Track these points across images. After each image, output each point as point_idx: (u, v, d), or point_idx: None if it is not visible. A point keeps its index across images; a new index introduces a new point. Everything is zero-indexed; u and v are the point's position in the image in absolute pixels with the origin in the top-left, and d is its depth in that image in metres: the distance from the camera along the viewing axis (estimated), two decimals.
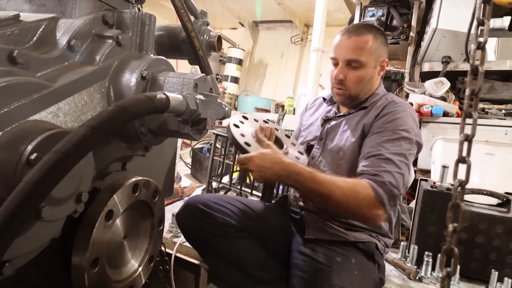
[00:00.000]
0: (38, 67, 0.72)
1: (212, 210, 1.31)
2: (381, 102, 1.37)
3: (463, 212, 0.50)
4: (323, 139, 1.46)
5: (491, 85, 2.72)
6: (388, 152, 1.20)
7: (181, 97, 0.76)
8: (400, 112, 1.29)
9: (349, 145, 1.34)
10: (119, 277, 0.96)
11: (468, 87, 0.52)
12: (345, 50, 1.33)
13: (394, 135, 1.24)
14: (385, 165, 1.17)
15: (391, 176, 1.14)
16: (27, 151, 0.58)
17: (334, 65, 1.38)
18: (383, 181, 1.13)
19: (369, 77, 1.37)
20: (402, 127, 1.26)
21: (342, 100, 1.43)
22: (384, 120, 1.29)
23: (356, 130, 1.35)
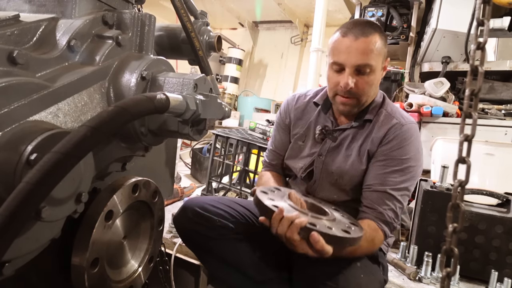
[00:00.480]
0: (38, 68, 0.72)
1: (209, 213, 1.29)
2: (384, 118, 1.30)
3: (463, 212, 0.50)
4: (322, 156, 1.37)
5: (491, 85, 2.72)
6: (392, 188, 1.23)
7: (181, 97, 0.76)
8: (407, 139, 1.25)
9: (360, 173, 1.30)
10: (119, 277, 0.96)
11: (468, 87, 0.52)
12: (354, 54, 1.18)
13: (399, 165, 1.24)
14: (389, 202, 1.23)
15: (393, 213, 1.24)
16: (27, 152, 0.58)
17: (337, 71, 1.24)
18: (387, 221, 1.23)
19: (377, 81, 1.28)
20: (408, 156, 1.24)
21: (349, 109, 1.30)
22: (390, 148, 1.25)
23: (362, 156, 1.30)
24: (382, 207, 1.22)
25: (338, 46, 1.22)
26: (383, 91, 1.49)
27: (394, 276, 1.70)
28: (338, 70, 1.24)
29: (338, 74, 1.24)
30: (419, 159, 1.29)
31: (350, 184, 1.33)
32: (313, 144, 1.40)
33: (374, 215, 1.22)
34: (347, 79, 1.20)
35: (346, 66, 1.20)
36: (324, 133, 1.37)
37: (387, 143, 1.26)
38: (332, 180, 1.35)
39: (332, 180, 1.35)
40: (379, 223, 1.22)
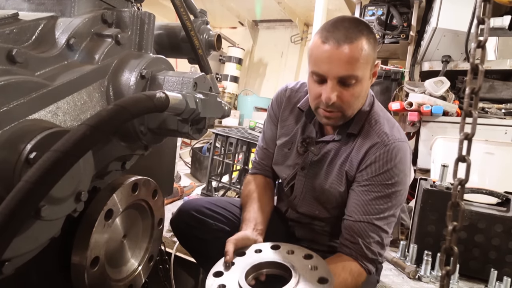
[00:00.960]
0: (37, 66, 0.72)
1: (205, 216, 1.27)
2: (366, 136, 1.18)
3: (463, 211, 0.50)
4: (305, 170, 1.29)
5: (491, 85, 2.72)
6: (376, 218, 1.13)
7: (180, 96, 0.75)
8: (390, 161, 1.12)
9: (339, 194, 1.22)
10: (119, 276, 0.96)
11: (468, 86, 0.52)
12: (337, 64, 1.03)
13: (383, 191, 1.13)
14: (373, 234, 1.13)
15: (378, 246, 1.14)
16: (26, 150, 0.58)
17: (318, 82, 1.10)
18: (371, 258, 1.13)
19: (365, 91, 1.15)
20: (393, 180, 1.13)
21: (332, 123, 1.18)
22: (372, 172, 1.13)
23: (341, 177, 1.21)
24: (366, 240, 1.12)
25: (318, 54, 1.06)
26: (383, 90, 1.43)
27: (393, 274, 1.70)
28: (319, 81, 1.09)
29: (320, 85, 1.09)
30: (405, 183, 1.17)
31: (331, 202, 1.26)
32: (296, 154, 1.31)
33: (357, 252, 1.12)
34: (330, 93, 1.06)
35: (328, 78, 1.06)
36: (305, 145, 1.27)
37: (368, 166, 1.14)
38: (314, 195, 1.28)
39: (314, 195, 1.28)
40: (362, 262, 1.12)
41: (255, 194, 1.33)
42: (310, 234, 1.37)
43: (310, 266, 0.97)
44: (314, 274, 0.93)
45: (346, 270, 1.08)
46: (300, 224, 1.39)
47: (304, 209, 1.33)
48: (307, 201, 1.31)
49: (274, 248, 1.07)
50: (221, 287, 0.91)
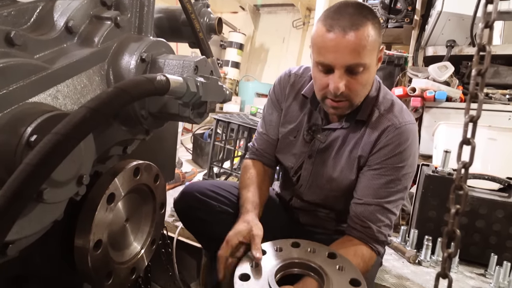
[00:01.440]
0: (36, 49, 0.71)
1: (208, 198, 1.28)
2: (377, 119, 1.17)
3: (466, 193, 0.50)
4: (312, 158, 1.28)
5: (496, 70, 2.68)
6: (386, 201, 1.14)
7: (181, 79, 0.75)
8: (402, 144, 1.13)
9: (349, 182, 1.21)
10: (122, 259, 0.97)
11: (474, 67, 0.51)
12: (344, 53, 1.00)
13: (394, 174, 1.13)
14: (383, 217, 1.14)
15: (387, 228, 1.16)
16: (27, 133, 0.58)
17: (324, 72, 1.07)
18: (381, 240, 1.15)
19: (372, 77, 1.14)
20: (404, 163, 1.13)
21: (340, 112, 1.17)
22: (384, 155, 1.14)
23: (352, 163, 1.20)
24: (376, 224, 1.13)
25: (324, 43, 1.03)
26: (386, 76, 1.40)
27: (394, 259, 1.72)
28: (325, 71, 1.07)
29: (326, 75, 1.07)
30: (414, 164, 1.19)
31: (339, 190, 1.25)
32: (303, 142, 1.29)
33: (368, 236, 1.14)
34: (338, 82, 1.03)
35: (335, 67, 1.03)
36: (311, 133, 1.26)
37: (380, 149, 1.14)
38: (321, 183, 1.27)
39: (321, 183, 1.27)
40: (373, 245, 1.14)
41: (256, 180, 1.32)
42: (314, 220, 1.38)
43: (338, 267, 0.96)
44: (344, 276, 0.93)
45: (358, 255, 1.09)
46: (304, 211, 1.40)
47: (310, 198, 1.33)
48: (313, 190, 1.31)
49: (294, 245, 1.05)
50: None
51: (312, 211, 1.37)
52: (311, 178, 1.30)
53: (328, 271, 0.94)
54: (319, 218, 1.37)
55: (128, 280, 1.00)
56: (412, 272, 1.59)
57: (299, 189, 1.34)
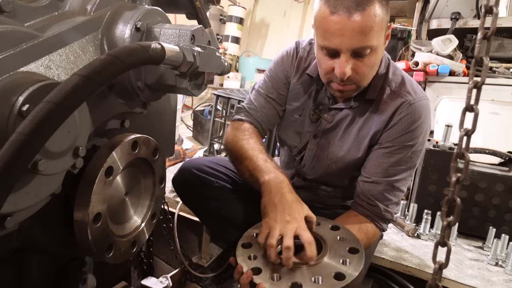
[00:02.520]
0: (26, 17, 0.68)
1: (206, 174, 1.28)
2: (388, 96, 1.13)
3: (468, 161, 0.49)
4: (317, 138, 1.24)
5: (500, 43, 2.63)
6: (396, 180, 1.12)
7: (177, 48, 0.72)
8: (415, 121, 1.10)
9: (354, 161, 1.19)
10: (122, 232, 0.98)
11: (480, 30, 0.48)
12: (350, 36, 0.94)
13: (406, 152, 1.11)
14: (391, 196, 1.13)
15: (395, 206, 1.16)
16: (19, 103, 0.57)
17: (329, 55, 1.02)
18: (388, 219, 1.16)
19: (380, 58, 1.08)
20: (416, 140, 1.11)
21: (347, 96, 1.14)
22: (397, 133, 1.11)
23: (361, 142, 1.17)
24: (384, 203, 1.12)
25: (328, 26, 0.96)
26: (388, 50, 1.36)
27: (393, 233, 1.74)
28: (330, 55, 1.02)
29: (331, 59, 1.02)
30: (425, 142, 1.17)
31: (344, 170, 1.24)
32: (308, 122, 1.26)
33: (374, 214, 1.13)
34: (344, 67, 0.99)
35: (341, 51, 0.98)
36: (318, 112, 1.22)
37: (393, 126, 1.11)
38: (325, 164, 1.26)
39: (325, 164, 1.26)
40: (378, 223, 1.14)
41: (257, 144, 1.19)
42: (316, 198, 1.38)
43: (339, 237, 0.98)
44: (344, 245, 0.94)
45: (362, 231, 1.10)
46: (306, 189, 1.39)
47: (312, 177, 1.32)
48: (317, 170, 1.29)
49: None
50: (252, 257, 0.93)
51: (314, 190, 1.37)
52: (315, 158, 1.28)
53: (328, 241, 0.95)
54: (320, 196, 1.37)
55: (129, 253, 1.01)
56: (410, 245, 1.62)
57: (302, 168, 1.32)
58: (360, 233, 1.08)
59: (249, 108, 1.28)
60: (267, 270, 0.88)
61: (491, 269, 1.49)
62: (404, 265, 1.44)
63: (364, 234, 1.10)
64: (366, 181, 1.15)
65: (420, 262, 1.46)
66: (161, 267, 1.88)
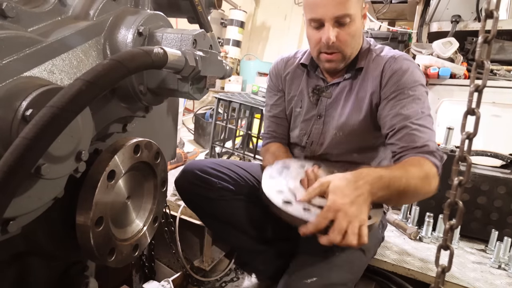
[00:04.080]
0: (30, 22, 0.69)
1: (209, 175, 1.30)
2: (374, 59, 1.25)
3: (470, 165, 0.49)
4: (322, 117, 1.33)
5: (501, 46, 2.63)
6: (415, 119, 1.12)
7: (179, 52, 0.73)
8: (407, 67, 1.19)
9: (358, 123, 1.25)
10: (124, 236, 0.98)
11: (481, 34, 0.49)
12: (331, 5, 1.12)
13: (412, 92, 1.16)
14: (421, 134, 1.11)
15: (432, 142, 1.11)
16: (22, 107, 0.57)
17: (316, 27, 1.19)
18: (432, 151, 1.09)
19: (359, 29, 1.22)
20: (416, 80, 1.17)
21: (335, 66, 1.25)
22: (395, 81, 1.18)
23: (361, 103, 1.25)
24: (418, 142, 1.10)
25: (312, 0, 1.16)
26: None
27: (395, 236, 1.73)
28: (317, 26, 1.18)
29: (318, 30, 1.19)
30: (424, 81, 1.22)
31: (350, 137, 1.28)
32: (309, 107, 1.36)
33: (415, 152, 1.09)
34: (328, 33, 1.15)
35: (325, 20, 1.15)
36: (317, 92, 1.33)
37: (389, 78, 1.19)
38: (334, 136, 1.31)
39: (334, 136, 1.31)
40: (427, 157, 1.08)
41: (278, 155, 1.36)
42: None
43: None
44: None
45: (409, 161, 1.06)
46: None
47: (321, 151, 1.34)
48: (326, 145, 1.33)
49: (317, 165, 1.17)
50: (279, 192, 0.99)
51: None
52: (322, 135, 1.34)
53: None
54: None
55: (131, 256, 1.01)
56: (413, 248, 1.61)
57: (310, 147, 1.36)
58: (409, 161, 1.05)
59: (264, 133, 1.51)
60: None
61: (494, 272, 1.48)
62: (406, 268, 1.43)
63: (423, 173, 1.02)
64: (391, 133, 1.15)
65: (423, 265, 1.46)
66: (162, 271, 1.87)
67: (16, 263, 0.85)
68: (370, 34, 2.91)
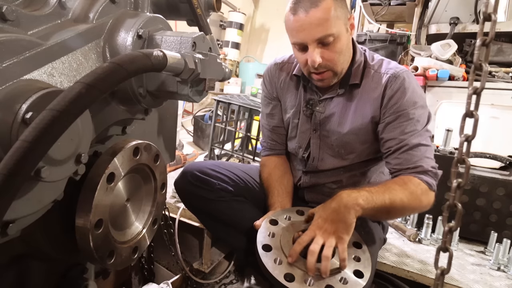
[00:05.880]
0: (30, 25, 0.69)
1: (209, 176, 1.30)
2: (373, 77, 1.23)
3: (468, 166, 0.49)
4: (317, 131, 1.33)
5: (499, 47, 2.64)
6: (413, 139, 1.15)
7: (179, 55, 0.73)
8: (407, 89, 1.18)
9: (359, 142, 1.26)
10: (124, 239, 0.98)
11: (479, 36, 0.49)
12: (310, 29, 1.10)
13: (411, 115, 1.16)
14: (417, 153, 1.15)
15: (428, 160, 1.16)
16: (22, 110, 0.57)
17: (301, 50, 1.18)
18: (426, 170, 1.14)
19: (346, 44, 1.20)
20: (416, 104, 1.17)
21: (327, 83, 1.24)
22: (394, 103, 1.18)
23: (361, 122, 1.24)
24: (411, 161, 1.14)
25: (292, 26, 1.14)
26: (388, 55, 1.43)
27: (394, 238, 1.73)
28: (301, 49, 1.17)
29: (303, 52, 1.17)
30: (425, 104, 1.23)
31: (352, 151, 1.29)
32: (303, 120, 1.35)
33: (408, 173, 1.15)
34: (312, 56, 1.13)
35: (307, 43, 1.14)
36: (310, 107, 1.31)
37: (389, 99, 1.19)
38: (333, 152, 1.31)
39: (333, 152, 1.31)
40: (417, 176, 1.13)
41: (274, 176, 1.38)
42: (319, 197, 1.39)
43: None
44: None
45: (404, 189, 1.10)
46: (311, 189, 1.42)
47: (324, 167, 1.35)
48: (327, 161, 1.34)
49: (299, 213, 1.22)
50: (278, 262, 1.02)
51: (319, 188, 1.39)
52: (321, 150, 1.34)
53: None
54: (325, 195, 1.38)
55: (131, 259, 1.01)
56: (412, 250, 1.61)
57: (311, 163, 1.36)
58: (403, 191, 1.09)
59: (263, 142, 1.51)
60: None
61: (493, 274, 1.48)
62: (406, 270, 1.43)
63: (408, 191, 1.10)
64: (389, 154, 1.20)
65: (422, 267, 1.46)
66: (162, 273, 1.87)
67: (15, 265, 0.85)
68: (369, 36, 2.92)
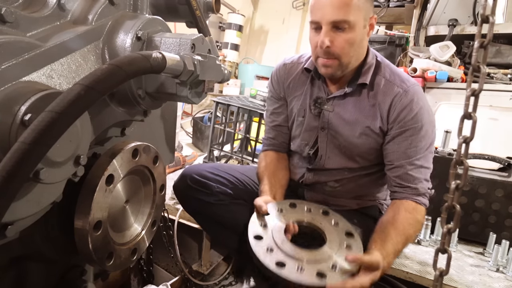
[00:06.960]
0: (29, 27, 0.69)
1: (207, 179, 1.30)
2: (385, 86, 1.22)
3: (467, 168, 0.49)
4: (325, 129, 1.31)
5: (498, 49, 2.65)
6: (417, 158, 1.19)
7: (178, 57, 0.73)
8: (416, 106, 1.18)
9: (370, 143, 1.26)
10: (122, 240, 0.98)
11: (477, 38, 0.49)
12: (329, 9, 1.09)
13: (417, 134, 1.18)
14: (418, 174, 1.20)
15: (425, 182, 1.22)
16: (21, 112, 0.57)
17: (316, 30, 1.16)
18: (423, 193, 1.21)
19: (360, 39, 1.17)
20: (423, 121, 1.18)
21: (331, 72, 1.20)
22: (402, 119, 1.19)
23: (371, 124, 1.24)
24: (414, 182, 1.19)
25: (315, 3, 1.14)
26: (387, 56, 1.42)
27: None
28: (316, 28, 1.16)
29: (316, 33, 1.16)
30: (432, 121, 1.24)
31: (360, 153, 1.29)
32: (311, 117, 1.32)
33: (408, 193, 1.19)
34: (323, 37, 1.12)
35: (322, 23, 1.12)
36: (318, 106, 1.30)
37: (397, 114, 1.19)
38: (341, 152, 1.31)
39: (341, 152, 1.31)
40: (415, 199, 1.19)
41: (269, 169, 1.35)
42: (320, 196, 1.39)
43: (333, 222, 1.13)
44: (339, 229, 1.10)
45: (401, 209, 1.16)
46: (312, 188, 1.40)
47: (330, 166, 1.35)
48: (333, 160, 1.33)
49: (292, 206, 1.19)
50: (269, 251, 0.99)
51: (321, 188, 1.38)
52: (328, 147, 1.32)
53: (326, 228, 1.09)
54: (326, 194, 1.38)
55: (130, 260, 1.01)
56: (411, 251, 1.61)
57: (319, 161, 1.35)
58: (400, 212, 1.15)
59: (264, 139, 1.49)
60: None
61: (492, 275, 1.48)
62: (404, 271, 1.43)
63: (404, 210, 1.16)
64: (390, 168, 1.23)
65: (421, 268, 1.45)
66: (161, 275, 1.87)
67: (14, 267, 0.84)
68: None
